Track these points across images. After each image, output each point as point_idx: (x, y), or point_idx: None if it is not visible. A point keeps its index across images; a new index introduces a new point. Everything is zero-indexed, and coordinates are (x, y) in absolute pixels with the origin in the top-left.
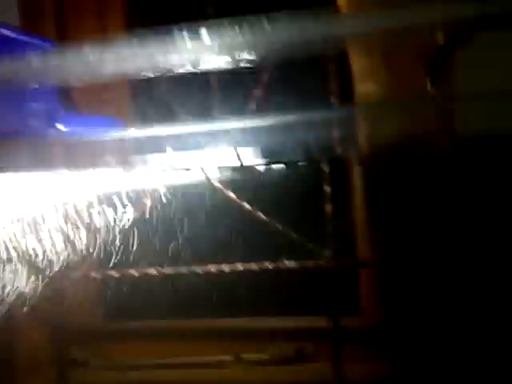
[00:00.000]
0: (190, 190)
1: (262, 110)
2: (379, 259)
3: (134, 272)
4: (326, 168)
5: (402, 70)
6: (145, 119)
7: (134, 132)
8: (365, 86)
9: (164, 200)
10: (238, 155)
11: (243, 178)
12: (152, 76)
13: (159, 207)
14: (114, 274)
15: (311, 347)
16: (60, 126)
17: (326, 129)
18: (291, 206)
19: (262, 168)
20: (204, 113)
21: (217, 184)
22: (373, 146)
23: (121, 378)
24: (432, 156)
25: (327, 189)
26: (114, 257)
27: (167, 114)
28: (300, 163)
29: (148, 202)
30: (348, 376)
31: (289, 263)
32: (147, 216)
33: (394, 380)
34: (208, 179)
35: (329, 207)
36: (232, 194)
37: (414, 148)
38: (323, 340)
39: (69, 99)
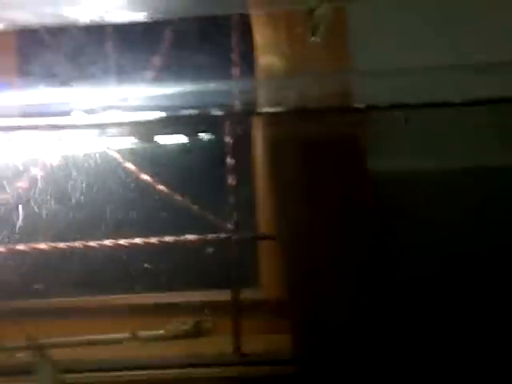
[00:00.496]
0: (85, 160)
1: (161, 77)
2: (279, 232)
3: (22, 247)
4: (228, 139)
5: (305, 42)
6: (33, 82)
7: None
8: (268, 58)
9: (55, 170)
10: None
11: (142, 148)
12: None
13: (49, 178)
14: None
15: (210, 321)
16: None
17: (228, 99)
18: (193, 178)
19: (162, 139)
20: (99, 77)
21: (114, 154)
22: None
23: (10, 360)
24: (333, 129)
25: (229, 161)
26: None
27: (59, 77)
28: (201, 135)
29: (37, 172)
30: (248, 349)
31: (189, 237)
32: (38, 187)
33: (295, 353)
34: (104, 149)
35: (230, 180)
36: (131, 166)
37: (314, 120)
38: (224, 314)
39: None
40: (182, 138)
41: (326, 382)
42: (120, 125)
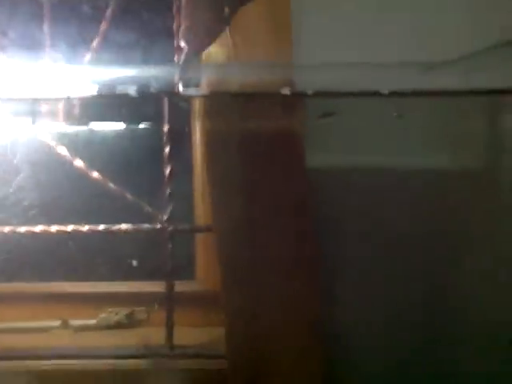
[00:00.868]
0: (16, 144)
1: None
2: (215, 224)
3: None
4: (166, 126)
5: (248, 31)
6: None
7: None
8: (212, 51)
9: None
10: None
11: (76, 133)
12: None
13: None
14: None
15: (144, 312)
16: None
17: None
18: (129, 167)
19: (97, 124)
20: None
21: (47, 138)
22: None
23: None
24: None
25: (166, 149)
26: None
27: None
28: (139, 120)
29: None
30: (181, 341)
31: (123, 226)
32: None
33: (228, 345)
34: (36, 133)
35: (166, 169)
36: (65, 151)
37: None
38: (158, 305)
39: None
40: (117, 124)
41: (256, 377)
42: (52, 101)
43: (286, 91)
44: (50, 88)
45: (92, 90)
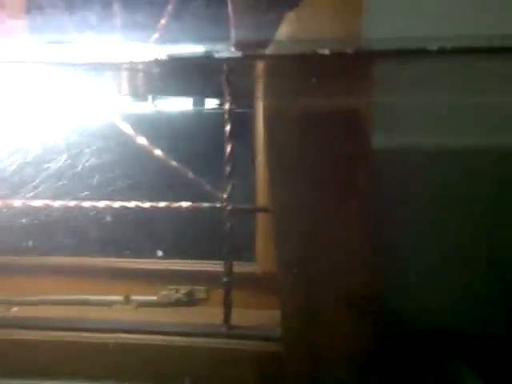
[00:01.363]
0: (82, 121)
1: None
2: (272, 205)
3: (17, 203)
4: (226, 107)
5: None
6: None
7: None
8: None
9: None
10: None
11: (140, 112)
12: None
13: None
14: None
15: (203, 291)
16: None
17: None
18: (192, 146)
19: (162, 104)
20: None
21: (112, 116)
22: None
23: (6, 314)
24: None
25: (227, 128)
26: None
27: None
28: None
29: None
30: (238, 321)
31: (183, 204)
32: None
33: (283, 327)
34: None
35: (227, 148)
36: (130, 129)
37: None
38: (217, 285)
39: None
40: (181, 103)
41: (311, 361)
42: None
43: (324, 51)
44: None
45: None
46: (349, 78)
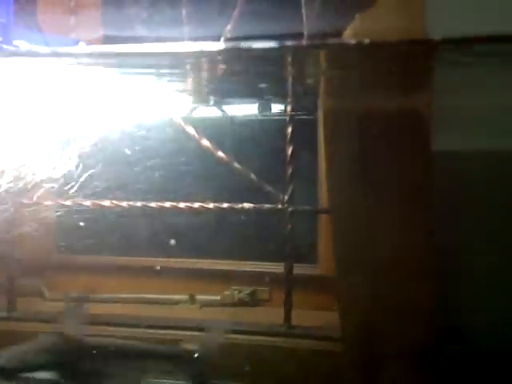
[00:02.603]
0: (149, 123)
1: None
2: (331, 207)
3: (88, 203)
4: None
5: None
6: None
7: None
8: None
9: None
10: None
11: (205, 115)
12: None
13: (117, 137)
14: (67, 203)
15: (266, 292)
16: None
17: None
18: (254, 148)
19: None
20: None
21: (176, 118)
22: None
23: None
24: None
25: (289, 130)
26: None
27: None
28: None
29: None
30: (299, 322)
31: (245, 205)
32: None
33: (343, 328)
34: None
35: (289, 150)
36: (192, 131)
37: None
38: (279, 286)
39: (30, 15)
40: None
41: (371, 361)
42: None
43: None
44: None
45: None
46: (411, 78)
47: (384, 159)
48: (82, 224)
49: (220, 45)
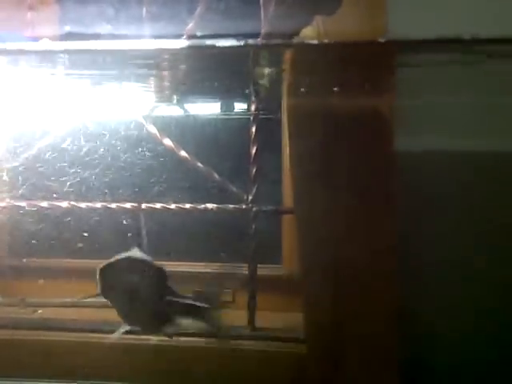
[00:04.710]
0: (108, 120)
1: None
2: (296, 207)
3: (44, 204)
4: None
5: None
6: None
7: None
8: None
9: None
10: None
11: (168, 114)
12: None
13: (76, 137)
14: (22, 204)
15: (229, 294)
16: None
17: None
18: (217, 148)
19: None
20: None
21: (138, 116)
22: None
23: (30, 317)
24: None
25: (252, 130)
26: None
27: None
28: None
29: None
30: (263, 324)
31: (208, 205)
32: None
33: (307, 329)
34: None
35: (253, 149)
36: (154, 130)
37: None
38: (243, 288)
39: None
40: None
41: (334, 363)
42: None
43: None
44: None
45: (182, 43)
46: (374, 79)
47: (346, 159)
48: (36, 226)
49: (182, 42)
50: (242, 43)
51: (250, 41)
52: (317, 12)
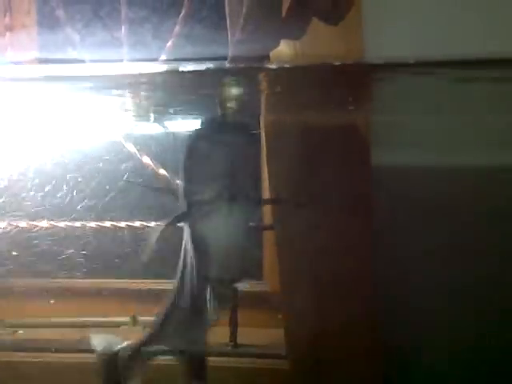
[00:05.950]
0: (85, 138)
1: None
2: (274, 223)
3: (23, 224)
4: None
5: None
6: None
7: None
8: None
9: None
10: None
11: (146, 133)
12: None
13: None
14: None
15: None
16: None
17: None
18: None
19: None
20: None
21: (116, 135)
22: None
23: (10, 338)
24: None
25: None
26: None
27: None
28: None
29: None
30: (245, 340)
31: None
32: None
33: (288, 345)
34: (106, 128)
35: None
36: (133, 148)
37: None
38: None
39: None
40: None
41: (317, 377)
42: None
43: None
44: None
45: (160, 68)
46: (349, 94)
47: (324, 174)
48: (17, 246)
49: (159, 67)
50: (204, 67)
51: (211, 65)
52: (282, 37)
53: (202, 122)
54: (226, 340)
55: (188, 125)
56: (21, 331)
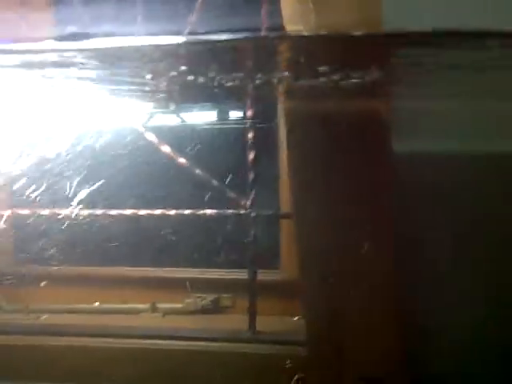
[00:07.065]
0: (106, 128)
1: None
2: (294, 211)
3: (46, 212)
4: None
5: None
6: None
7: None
8: (294, 27)
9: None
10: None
11: (165, 122)
12: None
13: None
14: (24, 212)
15: (229, 299)
16: None
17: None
18: (215, 154)
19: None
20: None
21: (136, 125)
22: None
23: (34, 323)
24: (357, 101)
25: (250, 135)
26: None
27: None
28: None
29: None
30: (264, 328)
31: (208, 211)
32: (65, 153)
33: (308, 332)
34: (126, 118)
35: (251, 155)
36: (153, 137)
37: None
38: (242, 292)
39: None
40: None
41: (336, 365)
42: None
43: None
44: None
45: (180, 39)
46: (371, 81)
47: (346, 163)
48: (41, 233)
49: (179, 39)
50: (239, 36)
51: (246, 34)
52: None
53: None
54: (245, 327)
55: (205, 116)
56: (45, 316)
